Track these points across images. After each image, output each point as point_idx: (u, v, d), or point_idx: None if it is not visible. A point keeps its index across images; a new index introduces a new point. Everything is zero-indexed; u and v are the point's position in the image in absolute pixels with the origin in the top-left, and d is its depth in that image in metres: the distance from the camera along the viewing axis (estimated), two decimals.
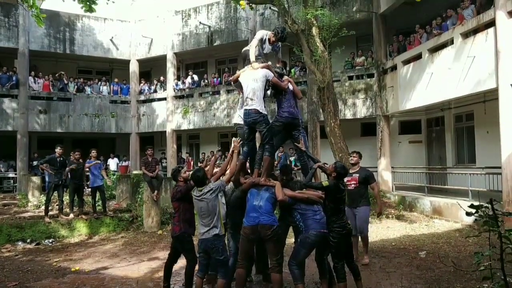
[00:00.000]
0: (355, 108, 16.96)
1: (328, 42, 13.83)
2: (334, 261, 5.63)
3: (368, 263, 7.63)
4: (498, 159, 10.70)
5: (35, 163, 19.22)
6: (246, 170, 6.24)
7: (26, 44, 20.10)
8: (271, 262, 5.50)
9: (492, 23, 10.69)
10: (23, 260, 9.01)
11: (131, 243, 10.50)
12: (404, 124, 18.33)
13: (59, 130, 20.93)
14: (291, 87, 6.21)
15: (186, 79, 21.91)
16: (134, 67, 23.14)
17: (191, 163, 21.51)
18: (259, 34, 6.43)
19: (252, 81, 5.80)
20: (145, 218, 11.85)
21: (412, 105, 14.29)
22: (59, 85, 21.22)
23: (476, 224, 10.27)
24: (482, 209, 2.69)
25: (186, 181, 6.14)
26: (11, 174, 20.09)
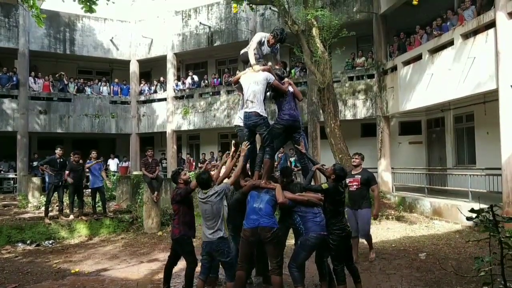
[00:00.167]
0: (355, 109, 16.95)
1: (328, 43, 13.83)
2: (334, 264, 5.63)
3: (371, 261, 7.73)
4: (498, 160, 10.69)
5: (35, 164, 19.22)
6: (247, 173, 6.23)
7: (26, 45, 20.10)
8: (271, 264, 5.51)
9: (492, 24, 10.68)
10: (23, 262, 9.00)
11: (131, 245, 10.49)
12: (404, 125, 18.32)
13: (59, 131, 20.93)
14: (292, 89, 6.20)
15: (186, 80, 21.90)
16: (134, 68, 23.13)
17: (193, 164, 21.52)
18: (258, 37, 6.40)
19: (253, 84, 5.79)
20: (145, 219, 11.84)
21: (412, 106, 14.29)
22: (59, 86, 21.22)
23: (476, 225, 10.25)
24: (483, 214, 2.69)
25: (186, 183, 6.14)
26: (11, 175, 20.08)
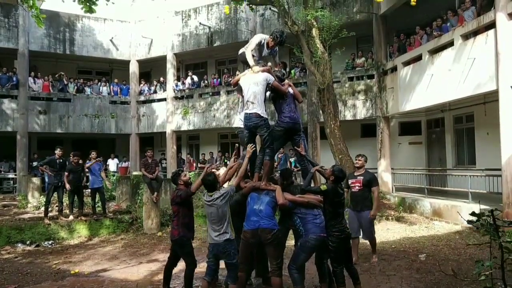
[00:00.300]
0: (355, 109, 16.95)
1: (328, 43, 13.83)
2: (333, 265, 5.63)
3: (373, 263, 7.74)
4: (498, 161, 10.68)
5: (35, 164, 19.21)
6: (247, 174, 6.22)
7: (26, 45, 20.08)
8: (272, 266, 5.51)
9: (493, 25, 10.66)
10: (23, 262, 9.00)
11: (131, 245, 10.50)
12: (404, 125, 18.31)
13: (59, 131, 20.91)
14: (292, 91, 6.19)
15: (186, 80, 21.88)
16: (134, 68, 23.10)
17: (193, 164, 21.51)
18: (257, 38, 6.35)
19: (253, 85, 5.77)
20: (145, 220, 11.83)
21: (412, 107, 14.28)
22: (59, 86, 21.20)
23: (477, 229, 10.24)
24: (484, 218, 2.68)
25: (187, 185, 6.14)
26: (11, 175, 20.06)
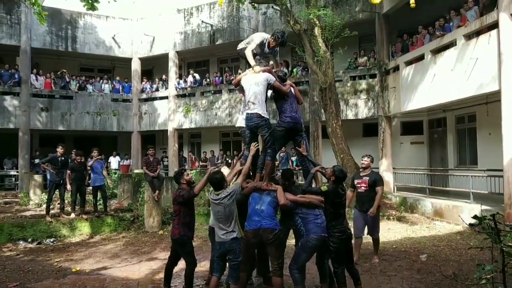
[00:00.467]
0: (357, 109, 16.94)
1: (331, 42, 13.81)
2: (334, 266, 5.64)
3: (374, 263, 7.74)
4: (500, 162, 10.66)
5: (37, 161, 19.25)
6: (249, 174, 6.21)
7: (28, 42, 20.09)
8: (273, 266, 5.54)
9: (495, 25, 10.63)
10: (24, 260, 9.02)
11: (132, 243, 10.51)
12: (406, 125, 18.30)
13: (61, 128, 20.94)
14: (293, 91, 6.18)
15: (188, 78, 21.87)
16: (136, 66, 23.09)
17: (196, 163, 21.52)
18: (259, 38, 6.29)
19: (254, 85, 5.77)
20: (146, 218, 11.85)
21: (414, 106, 14.26)
22: (61, 83, 21.22)
23: (479, 233, 10.23)
24: (485, 221, 2.68)
25: (189, 184, 6.14)
26: (13, 172, 20.10)
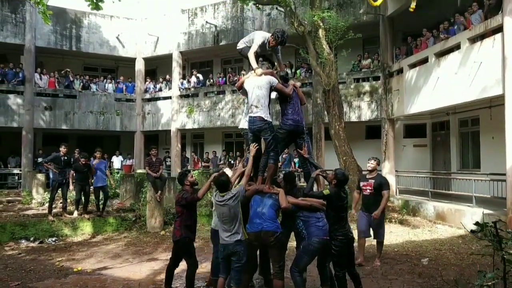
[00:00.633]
0: (360, 111, 16.91)
1: (334, 45, 13.81)
2: (336, 269, 5.64)
3: (375, 266, 7.74)
4: (503, 166, 10.63)
5: (40, 160, 19.29)
6: (251, 176, 6.20)
7: (33, 41, 20.14)
8: (274, 268, 5.54)
9: (500, 29, 10.61)
10: (26, 259, 9.05)
11: (134, 243, 10.52)
12: (409, 128, 18.27)
13: (64, 127, 20.98)
14: (296, 92, 6.15)
15: (191, 78, 21.88)
16: (140, 65, 23.12)
17: (198, 163, 21.55)
18: (260, 39, 6.23)
19: (256, 89, 5.76)
20: (148, 218, 11.86)
21: (418, 109, 14.23)
22: (65, 82, 21.26)
23: (481, 239, 10.20)
24: (487, 228, 2.67)
25: (193, 185, 6.16)
26: (16, 170, 20.14)
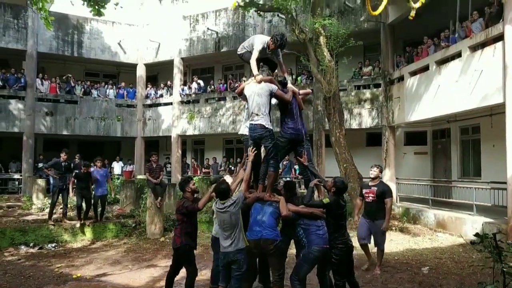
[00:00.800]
0: (361, 118, 16.92)
1: (335, 52, 13.83)
2: (336, 278, 5.62)
3: (375, 274, 7.71)
4: (504, 174, 10.60)
5: (41, 165, 19.28)
6: (250, 183, 6.20)
7: (35, 46, 20.20)
8: (274, 277, 5.53)
9: (501, 37, 10.61)
10: (26, 265, 9.03)
11: (134, 250, 10.51)
12: (410, 135, 18.27)
13: (65, 133, 20.99)
14: (296, 98, 6.13)
15: (192, 85, 21.91)
16: (141, 71, 23.16)
17: (197, 169, 21.54)
18: (259, 44, 6.20)
19: (257, 96, 5.76)
20: (148, 225, 11.85)
21: (418, 117, 14.23)
22: (66, 88, 21.29)
23: (481, 251, 10.16)
24: (487, 240, 2.67)
25: (193, 193, 6.15)
26: (16, 176, 20.13)
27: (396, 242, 10.82)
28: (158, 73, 24.96)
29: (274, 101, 6.17)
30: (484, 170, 13.97)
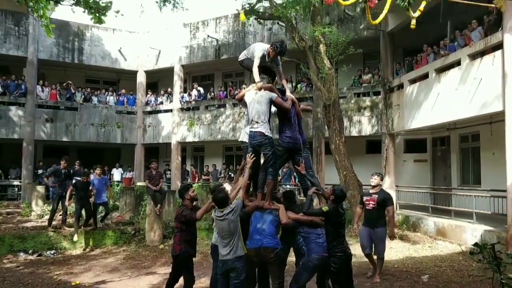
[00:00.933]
0: (361, 126, 16.93)
1: (335, 59, 13.86)
2: (335, 287, 5.61)
3: (375, 283, 7.68)
4: (504, 182, 10.59)
5: (40, 172, 19.28)
6: (249, 189, 6.18)
7: (35, 53, 20.26)
8: (274, 285, 5.51)
9: (500, 46, 10.66)
10: (24, 272, 9.01)
11: (133, 257, 10.49)
12: (410, 143, 18.27)
13: (65, 139, 20.99)
14: (295, 106, 6.13)
15: (192, 92, 21.95)
16: (141, 78, 23.22)
17: (196, 176, 21.54)
18: (260, 52, 6.21)
19: (257, 104, 5.77)
20: (148, 232, 11.83)
21: (418, 125, 14.25)
22: (66, 94, 21.32)
23: (479, 261, 10.14)
24: (486, 250, 2.67)
25: (192, 201, 6.15)
26: (16, 182, 20.11)
27: (396, 250, 10.79)
28: (159, 80, 25.01)
29: (274, 109, 6.18)
30: (484, 178, 13.97)
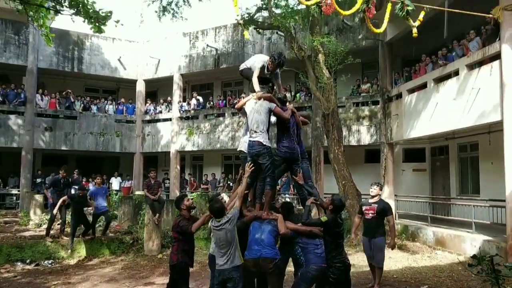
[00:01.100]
0: (359, 135, 16.96)
1: (334, 69, 13.92)
2: None
3: None
4: (503, 191, 10.60)
5: (39, 181, 19.25)
6: (247, 199, 6.17)
7: (35, 62, 20.30)
8: None
9: (498, 56, 10.72)
10: (22, 282, 8.96)
11: (131, 267, 10.44)
12: (408, 152, 18.28)
13: (64, 148, 20.98)
14: (294, 117, 6.14)
15: (191, 101, 21.99)
16: (141, 87, 23.28)
17: (194, 185, 21.51)
18: (260, 63, 6.29)
19: (256, 114, 5.79)
20: (146, 241, 11.78)
21: (417, 134, 14.27)
22: (66, 103, 21.34)
23: (478, 273, 10.11)
24: (484, 262, 2.67)
25: (189, 209, 6.14)
26: (14, 191, 20.05)
27: (395, 260, 10.75)
28: (158, 89, 25.04)
29: (274, 119, 6.18)
30: (483, 188, 13.96)
